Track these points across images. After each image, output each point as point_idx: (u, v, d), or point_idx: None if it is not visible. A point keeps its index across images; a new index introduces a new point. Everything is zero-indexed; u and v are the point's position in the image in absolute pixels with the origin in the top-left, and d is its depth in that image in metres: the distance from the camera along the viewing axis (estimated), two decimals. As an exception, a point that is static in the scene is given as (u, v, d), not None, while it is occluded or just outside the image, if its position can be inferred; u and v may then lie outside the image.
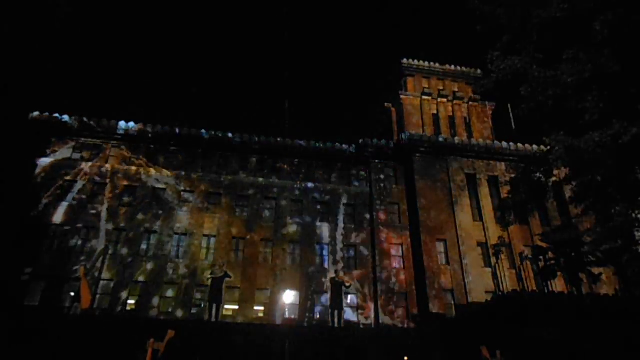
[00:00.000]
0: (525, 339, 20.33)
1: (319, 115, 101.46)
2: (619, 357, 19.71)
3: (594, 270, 28.30)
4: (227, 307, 30.76)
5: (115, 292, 30.57)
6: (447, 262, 34.03)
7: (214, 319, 26.97)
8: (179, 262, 32.42)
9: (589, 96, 13.98)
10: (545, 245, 30.11)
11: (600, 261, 27.34)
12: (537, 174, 17.27)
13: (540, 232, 34.10)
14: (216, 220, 34.43)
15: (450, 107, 43.43)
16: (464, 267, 33.63)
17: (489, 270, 34.18)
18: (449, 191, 36.65)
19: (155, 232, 33.24)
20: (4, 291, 27.42)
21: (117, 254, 31.81)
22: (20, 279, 29.09)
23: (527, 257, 33.90)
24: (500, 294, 30.54)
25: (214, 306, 27.55)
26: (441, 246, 34.70)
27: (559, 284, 31.67)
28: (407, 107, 42.41)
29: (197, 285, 31.43)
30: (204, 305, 30.31)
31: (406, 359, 23.75)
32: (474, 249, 34.68)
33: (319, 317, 31.98)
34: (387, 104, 45.05)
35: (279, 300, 31.64)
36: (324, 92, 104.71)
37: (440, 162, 37.79)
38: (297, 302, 32.05)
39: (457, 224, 35.24)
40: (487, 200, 37.04)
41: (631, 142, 13.06)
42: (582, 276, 28.45)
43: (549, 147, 15.97)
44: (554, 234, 31.71)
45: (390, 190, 37.72)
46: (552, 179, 17.45)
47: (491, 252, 34.12)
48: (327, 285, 32.06)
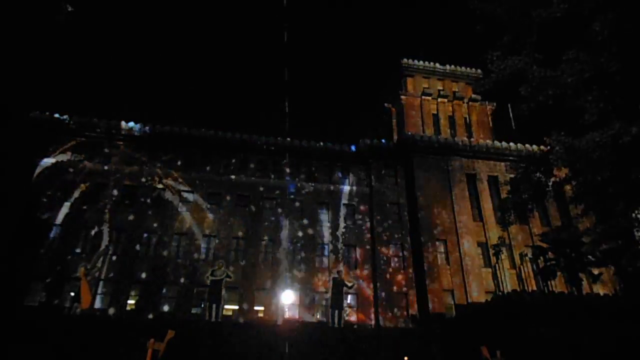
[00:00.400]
0: (525, 339, 20.32)
1: (319, 115, 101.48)
2: (619, 357, 19.70)
3: (594, 270, 28.31)
4: (227, 307, 30.77)
5: (115, 292, 30.60)
6: (447, 262, 34.05)
7: (214, 319, 26.97)
8: (179, 262, 32.45)
9: (589, 96, 13.97)
10: (545, 245, 30.13)
11: (600, 261, 27.34)
12: (537, 174, 17.24)
13: (540, 232, 34.14)
14: (216, 220, 34.46)
15: (450, 107, 43.43)
16: (464, 267, 33.65)
17: (489, 270, 34.22)
18: (449, 191, 36.67)
19: (155, 232, 33.26)
20: (4, 291, 27.41)
21: (117, 254, 31.83)
22: (20, 279, 29.10)
23: (527, 257, 33.92)
24: (500, 294, 30.54)
25: (214, 306, 27.52)
26: (441, 246, 34.72)
27: (559, 284, 31.67)
28: (407, 107, 42.43)
29: (197, 285, 31.45)
30: (204, 305, 30.31)
31: (406, 359, 23.73)
32: (474, 249, 34.70)
33: (319, 317, 32.01)
34: (387, 104, 45.07)
35: (279, 300, 31.64)
36: (324, 92, 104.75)
37: (440, 162, 37.81)
38: (297, 302, 32.07)
39: (457, 224, 35.27)
40: (487, 200, 37.07)
41: (631, 142, 13.05)
42: (582, 276, 28.45)
43: (549, 147, 15.97)
44: (554, 234, 31.73)
45: (390, 190, 37.74)
46: (552, 179, 17.42)
47: (491, 252, 34.15)
48: (327, 285, 32.06)
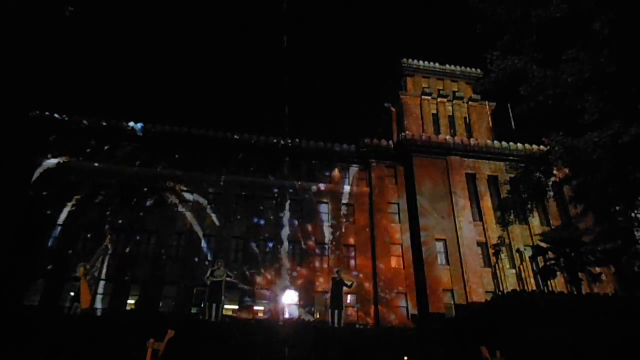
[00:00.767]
0: (525, 339, 20.30)
1: (319, 115, 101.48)
2: (619, 357, 19.69)
3: (594, 270, 28.29)
4: (227, 307, 30.77)
5: (115, 292, 30.60)
6: (447, 262, 34.05)
7: (214, 319, 26.96)
8: (179, 262, 32.45)
9: (589, 96, 13.97)
10: (545, 245, 30.12)
11: (600, 261, 27.32)
12: (537, 174, 17.26)
13: (540, 232, 34.14)
14: (216, 220, 34.46)
15: (450, 107, 43.42)
16: (464, 267, 33.65)
17: (489, 270, 34.22)
18: (449, 191, 36.67)
19: (155, 232, 33.27)
20: (4, 291, 27.42)
21: (117, 254, 31.83)
22: (20, 279, 29.09)
23: (527, 257, 33.93)
24: (500, 294, 30.54)
25: (214, 306, 27.50)
26: (441, 246, 34.71)
27: (559, 284, 31.68)
28: (407, 107, 42.40)
29: (197, 285, 31.44)
30: (204, 305, 30.30)
31: (406, 359, 23.69)
32: (474, 249, 34.70)
33: (319, 317, 32.01)
34: (387, 104, 45.03)
35: (279, 300, 31.65)
36: (324, 92, 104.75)
37: (440, 162, 37.82)
38: (297, 302, 32.08)
39: (457, 223, 35.27)
40: (487, 200, 37.08)
41: (631, 142, 13.05)
42: (582, 276, 28.43)
43: (549, 147, 15.97)
44: (554, 234, 31.72)
45: (390, 190, 37.75)
46: (552, 179, 17.44)
47: (491, 252, 34.16)
48: (327, 285, 32.08)
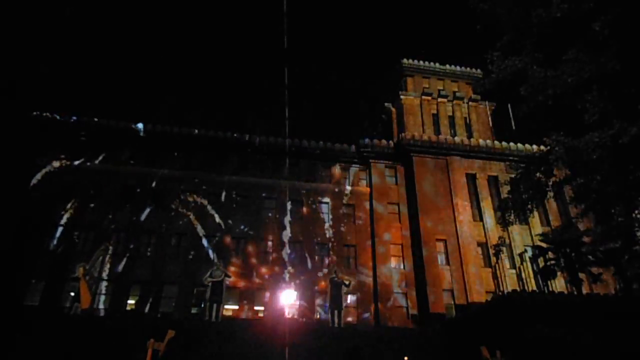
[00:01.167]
0: (525, 339, 20.32)
1: (319, 115, 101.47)
2: (619, 357, 19.71)
3: (594, 270, 28.31)
4: (227, 307, 30.78)
5: (115, 292, 30.58)
6: (447, 262, 34.04)
7: (214, 319, 26.98)
8: (179, 262, 32.43)
9: (589, 96, 13.95)
10: (545, 245, 30.14)
11: (600, 261, 27.35)
12: (537, 174, 17.23)
13: (540, 232, 34.15)
14: (216, 219, 34.45)
15: (450, 107, 43.41)
16: (464, 267, 33.64)
17: (489, 270, 34.22)
18: (449, 191, 36.66)
19: (155, 232, 33.26)
20: (4, 291, 27.40)
21: (117, 254, 31.81)
22: (20, 279, 29.08)
23: (528, 257, 33.94)
24: (500, 294, 30.57)
25: (214, 306, 27.56)
26: (441, 246, 34.70)
27: (559, 284, 31.69)
28: (407, 107, 42.39)
29: (197, 285, 31.43)
30: (204, 305, 30.31)
31: (406, 359, 23.71)
32: (474, 249, 34.69)
33: (319, 317, 32.01)
34: (387, 104, 45.04)
35: (279, 300, 31.63)
36: (325, 92, 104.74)
37: (440, 162, 37.82)
38: (297, 302, 32.06)
39: (457, 224, 35.25)
40: (487, 200, 37.07)
41: (631, 142, 13.03)
42: (582, 276, 28.45)
43: (549, 147, 15.95)
44: (554, 234, 31.76)
45: (390, 190, 37.75)
46: (552, 179, 17.40)
47: (491, 252, 34.19)
48: (327, 285, 32.10)
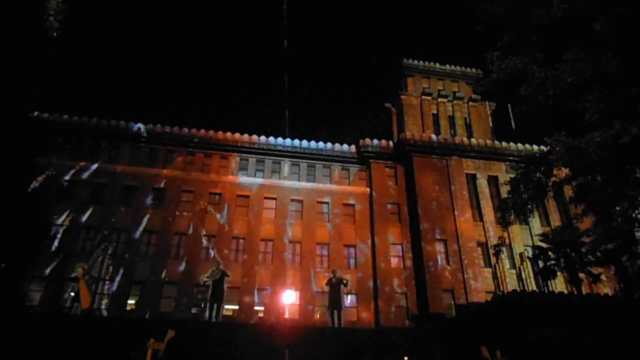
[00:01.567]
0: (525, 339, 20.31)
1: (319, 115, 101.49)
2: (619, 357, 19.69)
3: (594, 270, 28.29)
4: (227, 307, 30.78)
5: (115, 292, 30.58)
6: (447, 262, 34.03)
7: (214, 319, 26.97)
8: (179, 262, 32.44)
9: (589, 96, 13.96)
10: (545, 245, 30.13)
11: (600, 261, 27.33)
12: (537, 174, 17.23)
13: (540, 232, 34.15)
14: (216, 219, 34.46)
15: (450, 107, 43.40)
16: (464, 267, 33.64)
17: (489, 270, 34.22)
18: (449, 191, 36.66)
19: (155, 232, 33.26)
20: (4, 291, 27.38)
21: (116, 254, 31.82)
22: (20, 279, 29.07)
23: (527, 257, 33.93)
24: (500, 294, 30.56)
25: (214, 306, 27.57)
26: (441, 246, 34.69)
27: (559, 284, 31.69)
28: (407, 107, 42.38)
29: (197, 285, 31.45)
30: (204, 305, 30.31)
31: (406, 359, 23.70)
32: (474, 249, 34.68)
33: (319, 317, 32.00)
34: (387, 104, 45.02)
35: (279, 300, 31.62)
36: (325, 92, 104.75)
37: (440, 162, 37.82)
38: (297, 302, 32.05)
39: (457, 224, 35.25)
40: (487, 200, 37.07)
41: (631, 142, 13.04)
42: (582, 276, 28.44)
43: (549, 147, 15.97)
44: (554, 234, 31.75)
45: (390, 190, 37.74)
46: (552, 179, 17.40)
47: (491, 252, 34.14)
48: (326, 285, 32.13)
